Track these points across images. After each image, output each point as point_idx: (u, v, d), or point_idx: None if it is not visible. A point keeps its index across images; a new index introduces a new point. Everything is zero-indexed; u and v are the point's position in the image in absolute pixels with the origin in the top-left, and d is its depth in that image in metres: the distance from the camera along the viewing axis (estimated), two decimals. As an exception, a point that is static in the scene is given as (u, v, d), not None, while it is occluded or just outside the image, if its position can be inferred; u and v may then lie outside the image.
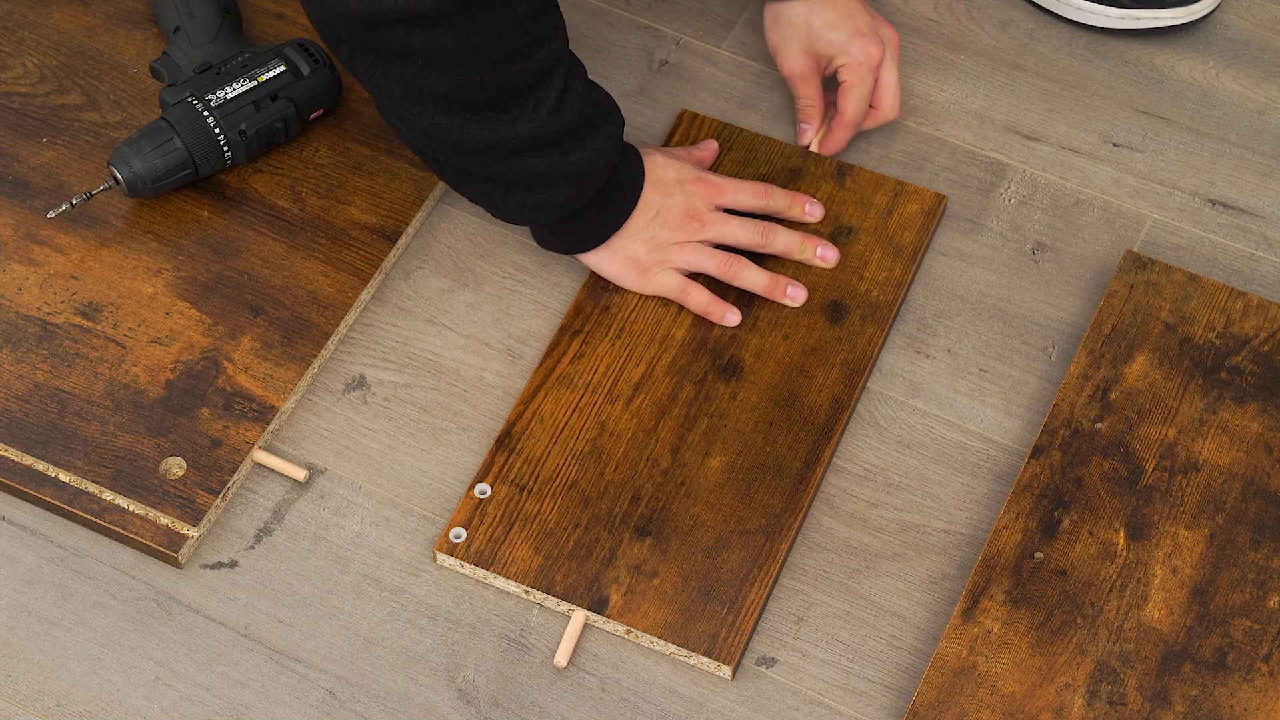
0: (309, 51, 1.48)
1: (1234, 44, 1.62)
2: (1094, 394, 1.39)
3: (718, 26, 1.62)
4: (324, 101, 1.49)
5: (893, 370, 1.43)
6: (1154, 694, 1.27)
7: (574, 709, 1.28)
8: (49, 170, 1.49)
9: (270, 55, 1.48)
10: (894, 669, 1.31)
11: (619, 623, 1.30)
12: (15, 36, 1.56)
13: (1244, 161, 1.55)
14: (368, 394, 1.41)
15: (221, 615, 1.31)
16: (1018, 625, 1.29)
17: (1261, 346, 1.41)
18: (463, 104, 1.28)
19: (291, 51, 1.48)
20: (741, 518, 1.34)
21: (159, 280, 1.44)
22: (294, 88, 1.47)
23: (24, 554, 1.34)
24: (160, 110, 1.47)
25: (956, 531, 1.36)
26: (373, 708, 1.28)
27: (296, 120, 1.48)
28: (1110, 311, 1.43)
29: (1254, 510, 1.34)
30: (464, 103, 1.28)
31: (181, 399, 1.38)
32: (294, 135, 1.49)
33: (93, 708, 1.27)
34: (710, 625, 1.30)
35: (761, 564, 1.32)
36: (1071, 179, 1.54)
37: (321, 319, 1.43)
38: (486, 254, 1.48)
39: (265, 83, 1.46)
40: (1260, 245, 1.50)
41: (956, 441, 1.40)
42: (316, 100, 1.49)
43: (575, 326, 1.43)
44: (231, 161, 1.46)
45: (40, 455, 1.35)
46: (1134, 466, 1.36)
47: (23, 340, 1.40)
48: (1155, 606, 1.30)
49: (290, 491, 1.37)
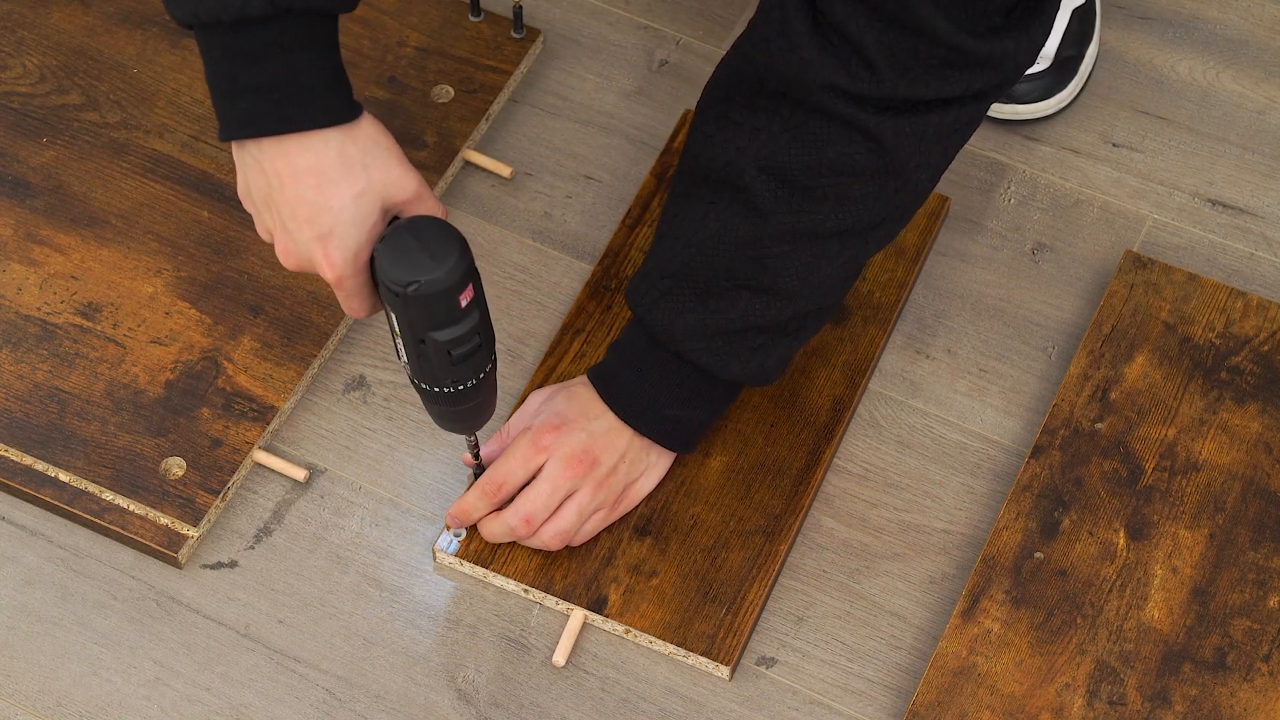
0: None
1: (1234, 44, 1.61)
2: (1094, 394, 1.39)
3: (718, 26, 1.62)
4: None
5: (893, 370, 1.43)
6: (1154, 694, 1.27)
7: (574, 709, 1.28)
8: (49, 170, 1.49)
9: None
10: (894, 669, 1.31)
11: (618, 622, 1.30)
12: (15, 36, 1.56)
13: (1244, 161, 1.55)
14: (367, 394, 1.41)
15: (221, 615, 1.31)
16: (1018, 625, 1.29)
17: (1261, 346, 1.41)
18: None
19: None
20: (741, 518, 1.34)
21: (159, 280, 1.44)
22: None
23: (24, 554, 1.34)
24: None
25: (956, 531, 1.36)
26: (373, 708, 1.28)
27: None
28: (1110, 311, 1.43)
29: (1254, 510, 1.34)
30: None
31: (181, 399, 1.38)
32: None
33: (93, 707, 1.27)
34: (709, 625, 1.30)
35: (761, 564, 1.32)
36: (1071, 179, 1.53)
37: (321, 319, 1.43)
38: (486, 254, 1.48)
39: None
40: (1260, 245, 1.50)
41: (956, 441, 1.40)
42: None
43: (577, 326, 1.43)
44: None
45: (40, 455, 1.35)
46: (1134, 466, 1.36)
47: (23, 340, 1.40)
48: (1155, 606, 1.30)
49: (290, 491, 1.37)
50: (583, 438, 1.28)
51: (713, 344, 1.25)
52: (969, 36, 1.13)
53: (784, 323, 1.25)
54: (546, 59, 1.59)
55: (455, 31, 1.58)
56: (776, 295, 1.23)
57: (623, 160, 1.53)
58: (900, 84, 1.14)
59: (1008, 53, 1.15)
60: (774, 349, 1.27)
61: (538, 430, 1.29)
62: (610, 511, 1.31)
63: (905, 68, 1.13)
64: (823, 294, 1.24)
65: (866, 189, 1.19)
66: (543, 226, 1.50)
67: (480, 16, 1.58)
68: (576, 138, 1.55)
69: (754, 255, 1.22)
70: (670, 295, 1.25)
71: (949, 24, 1.12)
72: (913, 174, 1.20)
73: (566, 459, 1.28)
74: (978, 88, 1.16)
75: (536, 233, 1.49)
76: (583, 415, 1.29)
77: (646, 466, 1.32)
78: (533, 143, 1.54)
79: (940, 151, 1.20)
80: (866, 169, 1.18)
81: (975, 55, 1.14)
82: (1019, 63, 1.16)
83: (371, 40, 1.56)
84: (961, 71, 1.15)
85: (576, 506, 1.29)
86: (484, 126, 1.54)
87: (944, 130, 1.18)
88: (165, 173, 1.49)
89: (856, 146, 1.17)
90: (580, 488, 1.29)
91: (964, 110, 1.18)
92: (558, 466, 1.28)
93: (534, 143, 1.54)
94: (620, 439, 1.29)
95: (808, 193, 1.19)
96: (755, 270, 1.22)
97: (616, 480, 1.30)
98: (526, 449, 1.29)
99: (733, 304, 1.23)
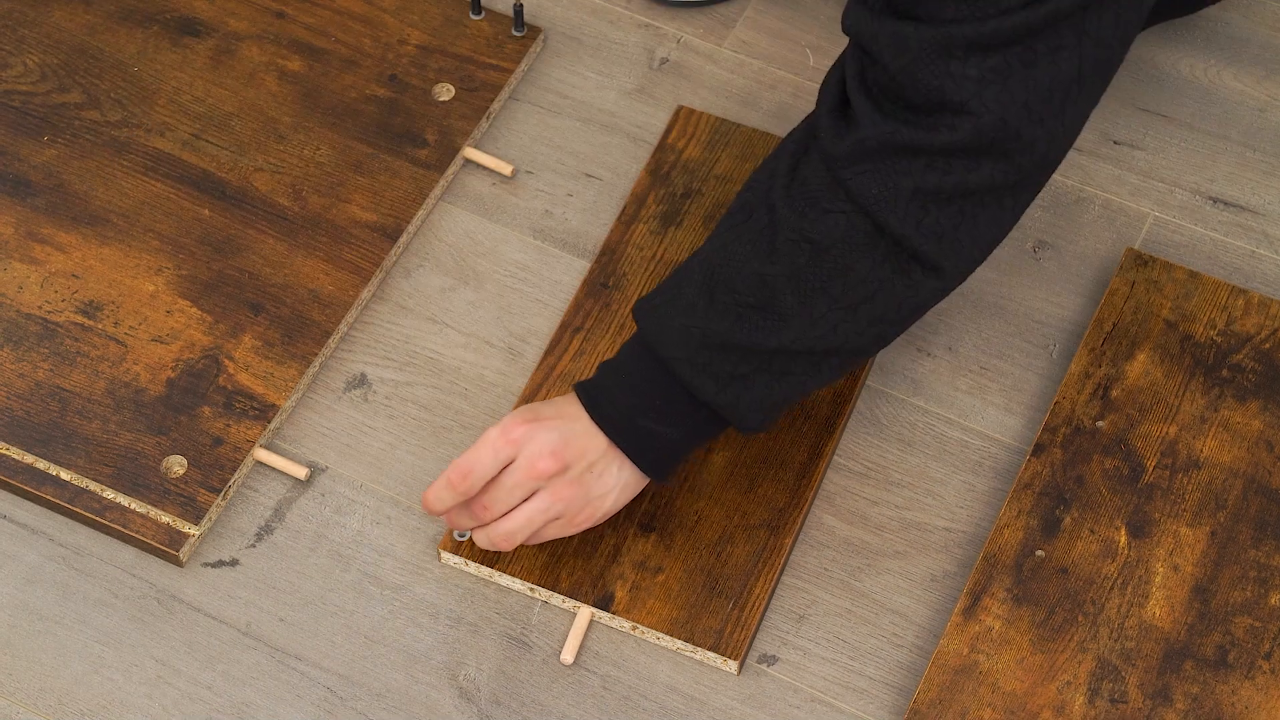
0: None
1: (1235, 42, 1.61)
2: (1095, 392, 1.39)
3: (719, 25, 1.62)
4: None
5: (893, 368, 1.43)
6: (1155, 692, 1.27)
7: (575, 707, 1.28)
8: (50, 169, 1.49)
9: None
10: (895, 667, 1.31)
11: (625, 619, 1.30)
12: (16, 35, 1.56)
13: (1245, 159, 1.55)
14: (369, 392, 1.41)
15: (223, 614, 1.31)
16: (1019, 623, 1.29)
17: (1262, 344, 1.41)
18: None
19: None
20: (745, 512, 1.34)
21: (160, 279, 1.44)
22: None
23: (25, 553, 1.34)
24: None
25: (957, 529, 1.36)
26: (374, 706, 1.28)
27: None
28: (1111, 309, 1.43)
29: (1255, 508, 1.34)
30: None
31: (182, 397, 1.38)
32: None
33: (94, 706, 1.27)
34: (716, 620, 1.30)
35: (766, 558, 1.32)
36: (1073, 176, 1.53)
37: (322, 317, 1.43)
38: (487, 252, 1.48)
39: None
40: (1261, 243, 1.50)
41: (957, 439, 1.40)
42: None
43: (576, 324, 1.43)
44: None
45: (41, 454, 1.35)
46: (1135, 464, 1.36)
47: (24, 339, 1.40)
48: (1156, 604, 1.30)
49: (291, 490, 1.37)
50: (554, 436, 1.26)
51: (696, 356, 1.24)
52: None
53: (770, 352, 1.24)
54: (547, 57, 1.59)
55: (456, 30, 1.58)
56: (769, 314, 1.23)
57: (623, 158, 1.53)
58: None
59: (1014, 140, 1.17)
60: (754, 384, 1.24)
61: (510, 422, 1.26)
62: (568, 523, 1.28)
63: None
64: (815, 328, 1.23)
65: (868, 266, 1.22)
66: (544, 224, 1.50)
67: (481, 15, 1.58)
68: (577, 136, 1.55)
69: (758, 273, 1.22)
70: (671, 303, 1.25)
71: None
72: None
73: (535, 455, 1.25)
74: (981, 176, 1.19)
75: (537, 231, 1.49)
76: (558, 416, 1.27)
77: (615, 484, 1.28)
78: (534, 141, 1.54)
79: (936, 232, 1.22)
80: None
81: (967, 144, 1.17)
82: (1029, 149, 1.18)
83: (372, 38, 1.56)
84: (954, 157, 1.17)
85: (529, 511, 1.26)
86: (485, 125, 1.54)
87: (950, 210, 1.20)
88: (166, 171, 1.49)
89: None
90: (542, 489, 1.27)
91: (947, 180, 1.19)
92: (521, 466, 1.25)
93: (535, 141, 1.54)
94: (592, 445, 1.27)
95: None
96: (756, 287, 1.22)
97: (580, 490, 1.27)
98: (497, 439, 1.26)
99: (724, 315, 1.23)
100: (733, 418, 1.25)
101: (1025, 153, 1.17)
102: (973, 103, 1.14)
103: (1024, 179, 1.19)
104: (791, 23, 1.62)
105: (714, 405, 1.25)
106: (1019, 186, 1.20)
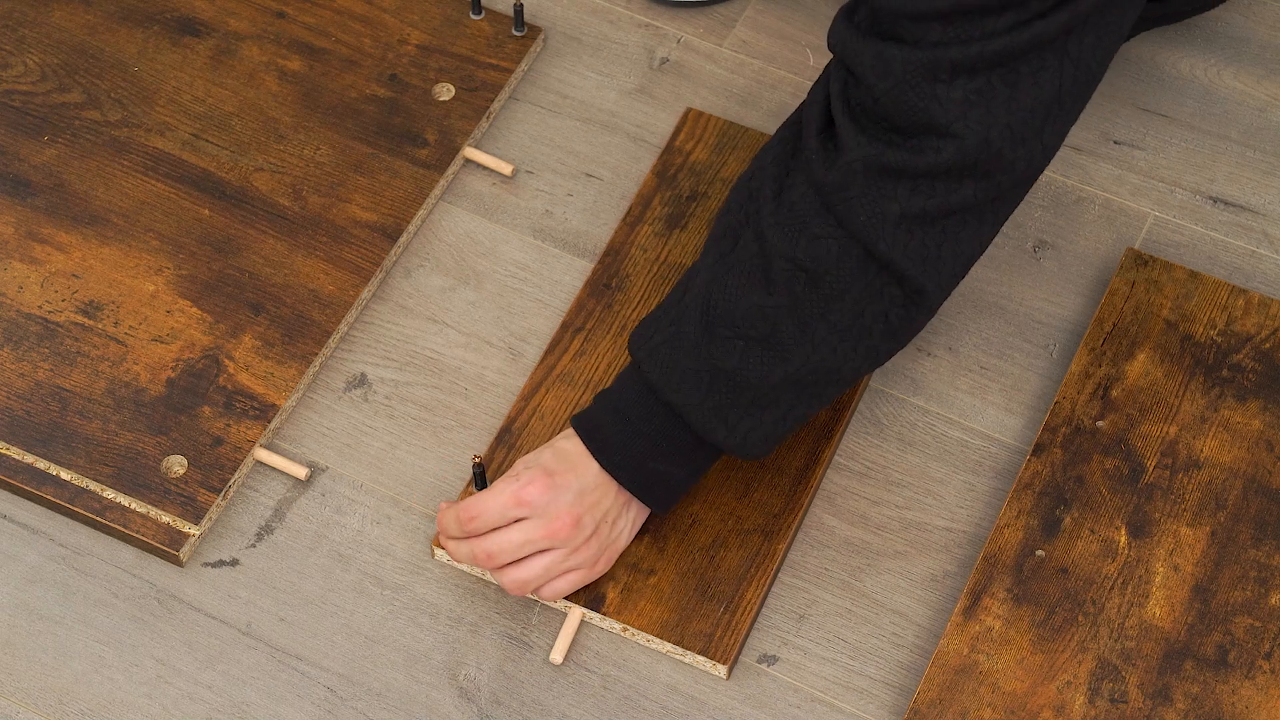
0: None
1: (1235, 41, 1.61)
2: (1095, 391, 1.39)
3: (719, 24, 1.62)
4: None
5: (893, 368, 1.43)
6: (1155, 691, 1.27)
7: (575, 706, 1.28)
8: (50, 169, 1.49)
9: None
10: (895, 666, 1.31)
11: (615, 620, 1.30)
12: (16, 35, 1.56)
13: (1245, 159, 1.55)
14: (369, 392, 1.41)
15: (223, 613, 1.32)
16: (1019, 623, 1.29)
17: (1263, 344, 1.41)
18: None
19: None
20: (740, 517, 1.34)
21: (160, 278, 1.44)
22: None
23: (26, 552, 1.34)
24: None
25: (958, 529, 1.36)
26: (374, 705, 1.28)
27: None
28: (1111, 309, 1.43)
29: (1255, 508, 1.34)
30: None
31: (183, 397, 1.38)
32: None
33: (94, 706, 1.27)
34: (706, 624, 1.30)
35: (759, 563, 1.32)
36: (1073, 176, 1.53)
37: (322, 317, 1.43)
38: (487, 252, 1.48)
39: None
40: (1261, 243, 1.50)
41: (957, 439, 1.40)
42: None
43: (577, 324, 1.43)
44: None
45: (42, 454, 1.35)
46: (1135, 464, 1.36)
47: (24, 339, 1.40)
48: (1157, 604, 1.30)
49: (291, 490, 1.37)
50: (568, 499, 1.26)
51: (706, 401, 1.24)
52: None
53: (776, 385, 1.24)
54: (547, 57, 1.59)
55: (456, 29, 1.58)
56: (772, 346, 1.23)
57: (624, 158, 1.53)
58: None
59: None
60: (762, 419, 1.25)
61: (524, 485, 1.26)
62: (589, 573, 1.29)
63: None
64: (817, 353, 1.23)
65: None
66: (544, 224, 1.50)
67: (481, 14, 1.58)
68: (577, 136, 1.55)
69: (757, 305, 1.23)
70: (671, 342, 1.25)
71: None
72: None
73: (552, 519, 1.25)
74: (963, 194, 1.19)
75: (537, 230, 1.49)
76: (570, 470, 1.26)
77: (626, 524, 1.30)
78: (534, 141, 1.54)
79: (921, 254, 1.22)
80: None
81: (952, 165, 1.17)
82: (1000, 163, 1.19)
83: (372, 38, 1.56)
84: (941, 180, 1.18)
85: (545, 562, 1.26)
86: (485, 124, 1.54)
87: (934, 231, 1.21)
88: (166, 171, 1.49)
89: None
90: (556, 549, 1.27)
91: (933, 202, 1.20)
92: (537, 526, 1.25)
93: (535, 141, 1.54)
94: (606, 497, 1.27)
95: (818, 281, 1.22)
96: (757, 320, 1.22)
97: (598, 543, 1.28)
98: (507, 501, 1.26)
99: (728, 352, 1.23)
100: (740, 453, 1.27)
101: (1005, 172, 1.18)
102: (957, 125, 1.15)
103: (1003, 195, 1.20)
104: (791, 22, 1.62)
105: (723, 448, 1.26)
106: (998, 202, 1.21)
